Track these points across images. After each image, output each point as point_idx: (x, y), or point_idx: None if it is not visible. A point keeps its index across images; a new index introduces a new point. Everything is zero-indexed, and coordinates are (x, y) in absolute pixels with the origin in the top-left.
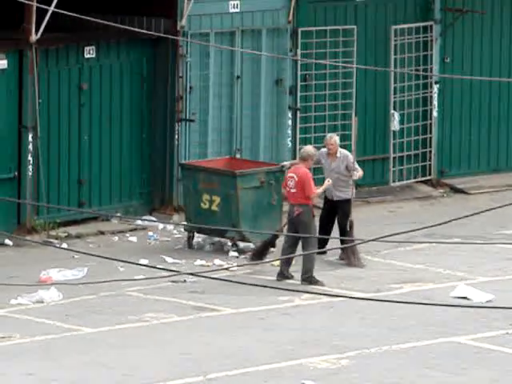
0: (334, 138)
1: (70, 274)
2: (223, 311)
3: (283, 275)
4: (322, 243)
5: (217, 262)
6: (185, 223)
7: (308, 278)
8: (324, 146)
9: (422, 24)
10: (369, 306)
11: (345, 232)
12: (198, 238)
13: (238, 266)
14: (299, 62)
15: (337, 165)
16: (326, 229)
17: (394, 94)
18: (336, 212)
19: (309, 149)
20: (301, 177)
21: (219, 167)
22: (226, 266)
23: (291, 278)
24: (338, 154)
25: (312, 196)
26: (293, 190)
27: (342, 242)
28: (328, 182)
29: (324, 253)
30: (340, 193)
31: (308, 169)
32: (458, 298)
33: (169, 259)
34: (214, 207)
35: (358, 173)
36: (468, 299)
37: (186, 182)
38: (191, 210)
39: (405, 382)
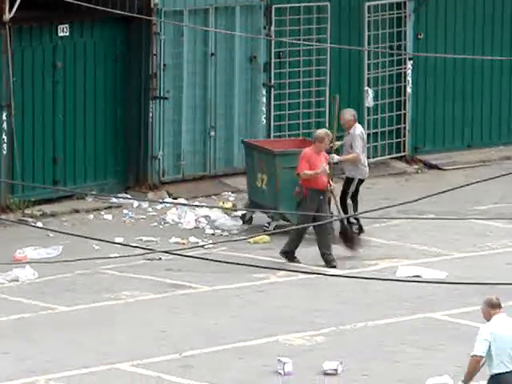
0: (345, 115)
1: (45, 253)
2: (199, 289)
3: (291, 255)
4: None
5: (192, 239)
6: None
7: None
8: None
9: (395, 0)
10: (344, 283)
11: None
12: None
13: (212, 243)
14: (273, 40)
15: (347, 141)
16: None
17: (368, 70)
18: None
19: (323, 131)
20: (301, 156)
21: (276, 147)
22: (201, 244)
23: (298, 261)
24: (351, 131)
25: (300, 175)
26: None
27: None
28: (323, 166)
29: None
30: (347, 171)
31: (320, 151)
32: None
33: (144, 237)
34: (263, 185)
35: (334, 157)
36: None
37: (247, 160)
38: (250, 188)
39: (381, 359)
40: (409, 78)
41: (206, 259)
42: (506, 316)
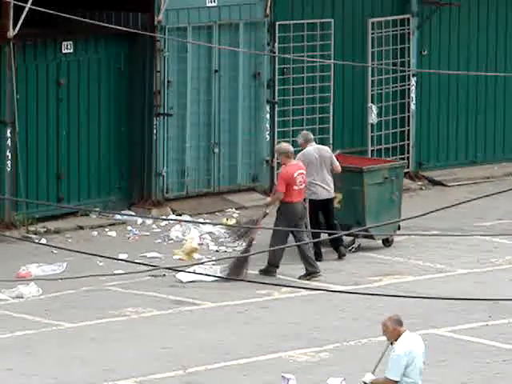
0: (298, 141)
1: (50, 269)
2: (203, 305)
3: (272, 270)
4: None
5: (195, 256)
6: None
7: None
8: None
9: (399, 17)
10: (348, 299)
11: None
12: None
13: (216, 260)
14: (277, 56)
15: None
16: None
17: (372, 86)
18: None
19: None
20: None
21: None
22: (204, 260)
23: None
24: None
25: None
26: (302, 186)
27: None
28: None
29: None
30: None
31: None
32: None
33: (148, 253)
34: (335, 204)
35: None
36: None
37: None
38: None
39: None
40: (412, 95)
41: (209, 275)
42: (409, 332)
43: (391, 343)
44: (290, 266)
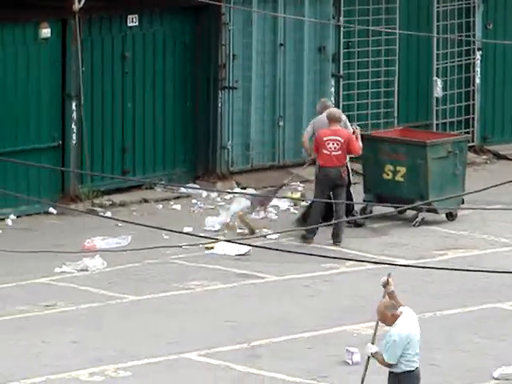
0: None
1: (114, 242)
2: (267, 278)
3: (309, 238)
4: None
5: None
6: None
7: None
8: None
9: None
10: (413, 272)
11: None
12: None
13: (279, 232)
14: (342, 29)
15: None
16: None
17: (437, 60)
18: None
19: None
20: (347, 138)
21: (403, 137)
22: (269, 233)
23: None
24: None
25: (359, 152)
26: (337, 153)
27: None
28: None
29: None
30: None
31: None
32: None
33: (212, 227)
34: (398, 178)
35: None
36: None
37: (367, 153)
38: (371, 181)
39: (449, 349)
40: (477, 68)
41: (274, 249)
42: (408, 309)
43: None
44: (354, 240)
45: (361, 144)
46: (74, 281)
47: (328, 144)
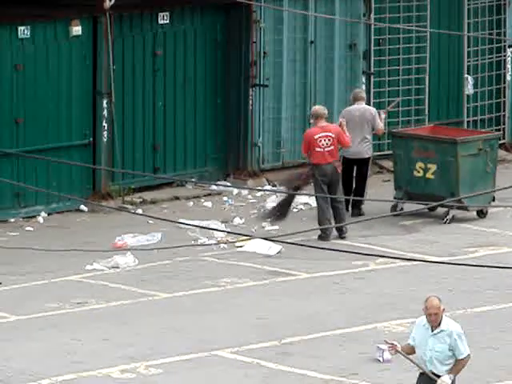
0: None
1: (145, 240)
2: (298, 276)
3: (325, 238)
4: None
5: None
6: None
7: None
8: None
9: None
10: (444, 270)
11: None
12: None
13: (311, 229)
14: (372, 27)
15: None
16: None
17: (468, 57)
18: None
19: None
20: (337, 132)
21: (433, 135)
22: (300, 230)
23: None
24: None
25: (349, 144)
26: (329, 148)
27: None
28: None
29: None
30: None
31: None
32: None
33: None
34: (428, 175)
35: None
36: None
37: (397, 151)
38: (402, 178)
39: (480, 346)
40: (508, 66)
41: (305, 245)
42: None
43: (431, 328)
44: (384, 238)
45: (348, 134)
46: (105, 278)
47: (320, 141)
